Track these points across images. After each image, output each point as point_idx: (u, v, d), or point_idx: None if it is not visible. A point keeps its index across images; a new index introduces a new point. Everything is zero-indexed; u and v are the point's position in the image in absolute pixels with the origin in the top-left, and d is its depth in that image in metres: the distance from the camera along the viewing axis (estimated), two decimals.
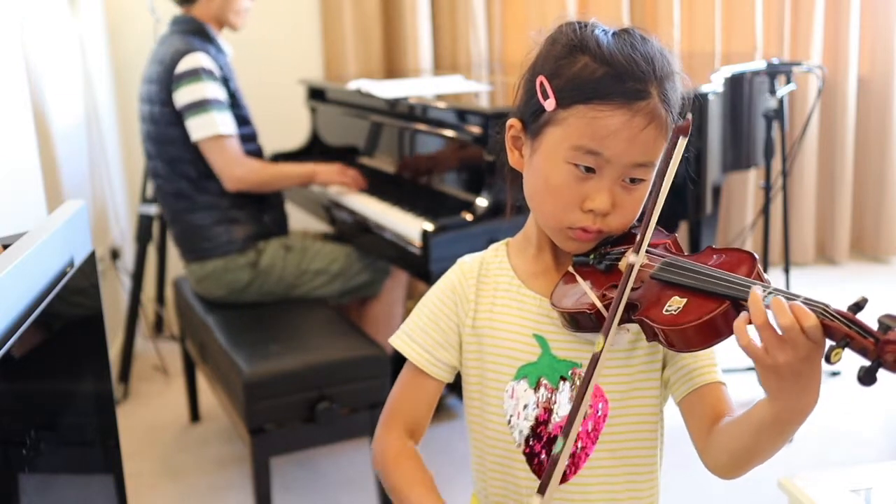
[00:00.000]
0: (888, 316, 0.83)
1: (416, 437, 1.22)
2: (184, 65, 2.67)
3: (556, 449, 1.01)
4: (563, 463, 1.00)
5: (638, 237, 1.04)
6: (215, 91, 2.69)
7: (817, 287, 4.03)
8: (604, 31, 1.09)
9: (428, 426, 1.23)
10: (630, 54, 1.05)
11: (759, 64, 3.04)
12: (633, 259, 1.02)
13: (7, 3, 2.10)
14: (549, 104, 1.07)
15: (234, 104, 2.79)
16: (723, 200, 4.22)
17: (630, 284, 1.02)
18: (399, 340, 1.21)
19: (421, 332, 1.20)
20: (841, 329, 0.85)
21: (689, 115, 1.06)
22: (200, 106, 2.66)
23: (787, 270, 3.21)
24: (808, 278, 4.21)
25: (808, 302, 0.88)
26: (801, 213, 4.38)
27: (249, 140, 2.84)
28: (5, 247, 1.18)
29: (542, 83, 1.08)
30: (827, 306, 0.87)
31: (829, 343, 0.86)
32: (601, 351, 1.00)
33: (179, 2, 2.82)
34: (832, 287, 4.10)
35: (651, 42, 1.08)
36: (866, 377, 0.82)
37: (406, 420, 1.21)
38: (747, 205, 4.35)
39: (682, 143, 1.01)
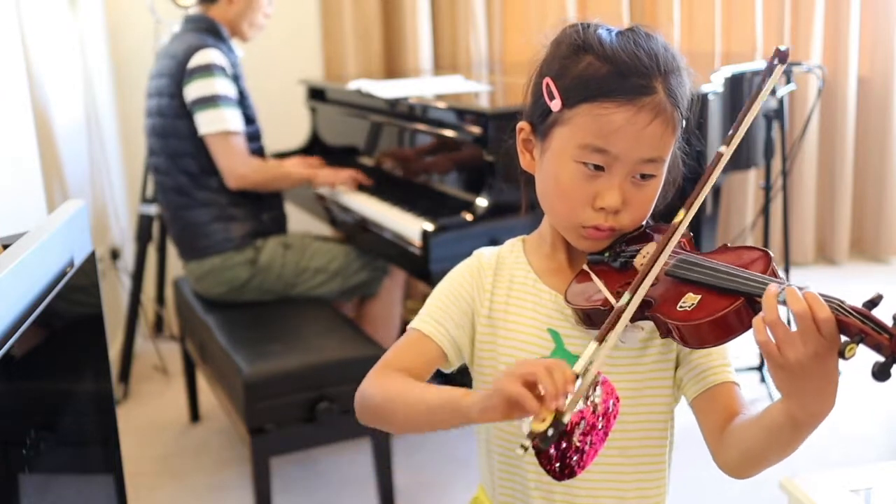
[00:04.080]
0: None
1: None
2: (196, 60, 2.70)
3: (622, 301, 1.00)
4: (627, 315, 0.99)
5: (731, 132, 1.03)
6: (226, 87, 2.72)
7: (817, 287, 3.99)
8: (608, 30, 1.10)
9: None
10: (633, 51, 1.06)
11: (759, 64, 3.03)
12: (724, 150, 1.04)
13: (7, 2, 2.10)
14: (556, 105, 1.08)
15: (242, 103, 2.81)
16: (723, 200, 4.22)
17: (714, 175, 1.02)
18: (417, 320, 1.19)
19: (438, 309, 1.18)
20: (856, 325, 0.85)
21: (787, 47, 1.04)
22: (210, 101, 2.69)
23: (787, 270, 3.21)
24: (808, 278, 4.21)
25: (824, 296, 0.88)
26: (801, 213, 4.38)
27: (253, 139, 2.86)
28: (5, 247, 1.18)
29: (547, 84, 1.09)
30: (843, 302, 0.88)
31: (843, 338, 0.86)
32: (682, 218, 1.02)
33: (199, 0, 2.87)
34: (832, 287, 4.06)
35: (656, 38, 1.10)
36: (880, 373, 0.82)
37: (400, 371, 1.14)
38: (747, 205, 4.34)
39: (779, 69, 1.00)
